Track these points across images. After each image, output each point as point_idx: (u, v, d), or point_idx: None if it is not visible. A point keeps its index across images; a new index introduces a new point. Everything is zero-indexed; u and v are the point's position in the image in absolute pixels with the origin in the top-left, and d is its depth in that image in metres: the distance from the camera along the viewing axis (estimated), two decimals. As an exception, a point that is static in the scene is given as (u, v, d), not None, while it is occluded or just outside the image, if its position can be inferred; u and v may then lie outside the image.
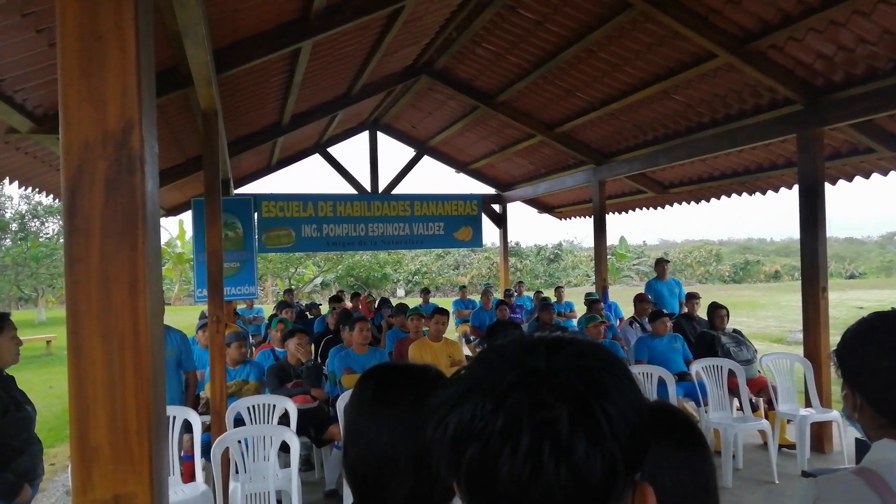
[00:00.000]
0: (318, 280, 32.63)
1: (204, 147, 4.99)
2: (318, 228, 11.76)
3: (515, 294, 12.08)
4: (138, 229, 1.17)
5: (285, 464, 4.50)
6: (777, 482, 5.17)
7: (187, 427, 4.65)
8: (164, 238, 29.83)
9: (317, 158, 12.15)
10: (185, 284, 30.21)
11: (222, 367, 4.90)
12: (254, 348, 8.53)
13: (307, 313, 11.24)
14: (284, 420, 4.84)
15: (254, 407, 4.83)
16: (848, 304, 19.58)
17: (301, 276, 32.29)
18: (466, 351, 10.50)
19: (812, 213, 5.84)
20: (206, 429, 4.98)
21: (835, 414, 5.52)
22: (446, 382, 0.70)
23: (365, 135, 12.20)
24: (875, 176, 6.87)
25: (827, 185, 6.10)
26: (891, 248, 52.05)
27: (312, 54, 5.99)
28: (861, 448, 3.08)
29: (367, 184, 12.09)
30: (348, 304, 11.70)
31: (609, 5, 6.04)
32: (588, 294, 9.07)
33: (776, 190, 8.20)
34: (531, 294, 12.79)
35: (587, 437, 0.60)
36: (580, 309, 9.74)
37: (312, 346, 7.77)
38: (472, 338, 10.63)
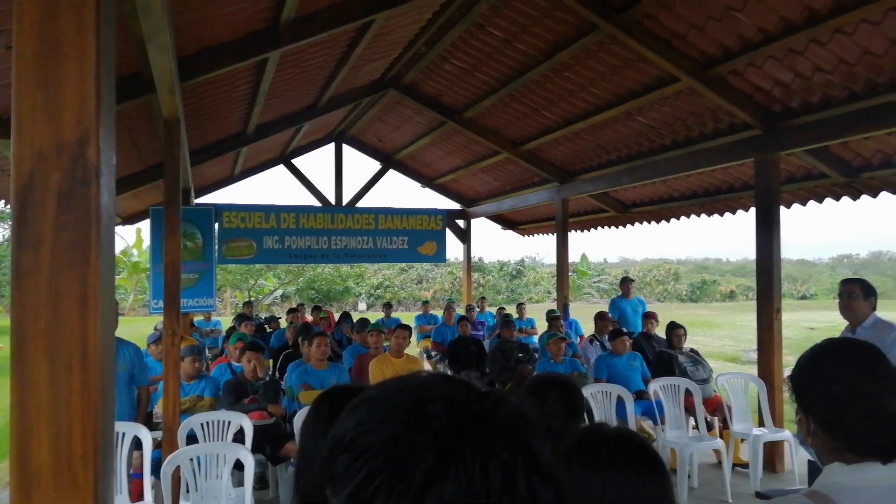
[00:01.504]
0: (279, 292, 32.17)
1: (165, 156, 4.88)
2: (280, 240, 11.60)
3: (477, 309, 12.09)
4: (91, 244, 1.12)
5: (239, 482, 4.39)
6: (731, 501, 5.24)
7: (137, 443, 4.50)
8: (120, 246, 29.09)
9: (281, 169, 12.03)
10: (140, 294, 29.46)
11: (176, 382, 4.77)
12: (210, 362, 8.35)
13: (266, 327, 11.05)
14: (240, 437, 4.72)
15: (208, 423, 4.70)
16: (800, 325, 20.12)
17: (261, 288, 31.79)
18: (427, 366, 10.45)
19: (768, 237, 5.98)
20: (158, 445, 4.83)
21: (787, 434, 5.63)
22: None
23: (330, 147, 12.12)
24: (828, 200, 7.07)
25: (782, 209, 6.26)
26: (840, 270, 53.73)
27: (280, 65, 5.93)
28: (814, 470, 3.14)
29: (331, 196, 12.00)
30: (308, 317, 11.54)
31: (576, 27, 6.13)
32: (550, 311, 9.12)
33: (734, 212, 8.39)
34: (494, 310, 12.81)
35: (540, 479, 0.59)
36: (541, 325, 9.79)
37: (270, 361, 7.64)
38: (433, 353, 10.58)
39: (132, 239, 28.97)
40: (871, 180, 6.39)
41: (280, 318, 12.33)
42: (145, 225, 9.54)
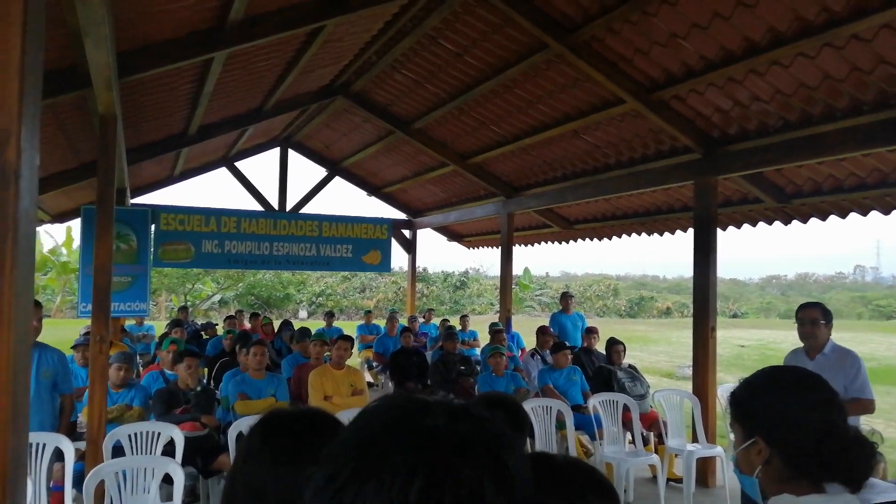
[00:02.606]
0: (217, 297, 31.36)
1: (99, 153, 4.67)
2: (219, 244, 11.29)
3: (422, 320, 12.04)
4: (7, 252, 1.03)
5: (168, 496, 4.20)
6: (665, 516, 5.33)
7: (59, 454, 4.27)
8: (48, 245, 27.82)
9: (223, 172, 11.74)
10: (68, 295, 28.22)
11: (103, 391, 4.54)
12: (141, 368, 8.03)
13: (202, 333, 10.72)
14: (170, 448, 4.53)
15: (136, 435, 4.50)
16: (731, 343, 20.81)
17: (198, 293, 30.92)
18: (368, 377, 10.33)
19: (705, 258, 6.15)
20: (81, 456, 4.59)
21: (719, 450, 5.78)
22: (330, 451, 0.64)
23: (275, 151, 11.90)
24: (761, 224, 7.34)
25: (718, 231, 6.45)
26: (769, 290, 56.02)
27: (225, 65, 5.78)
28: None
29: (274, 201, 11.77)
30: (247, 324, 11.27)
31: (526, 44, 6.20)
32: (492, 324, 9.15)
33: (672, 232, 8.62)
34: (437, 322, 12.79)
35: (505, 497, 0.58)
36: (484, 338, 9.82)
37: (205, 370, 7.39)
38: (374, 364, 10.47)
39: (61, 237, 27.72)
40: (801, 206, 6.66)
41: (217, 324, 12.00)
42: (77, 222, 9.11)
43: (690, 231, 6.50)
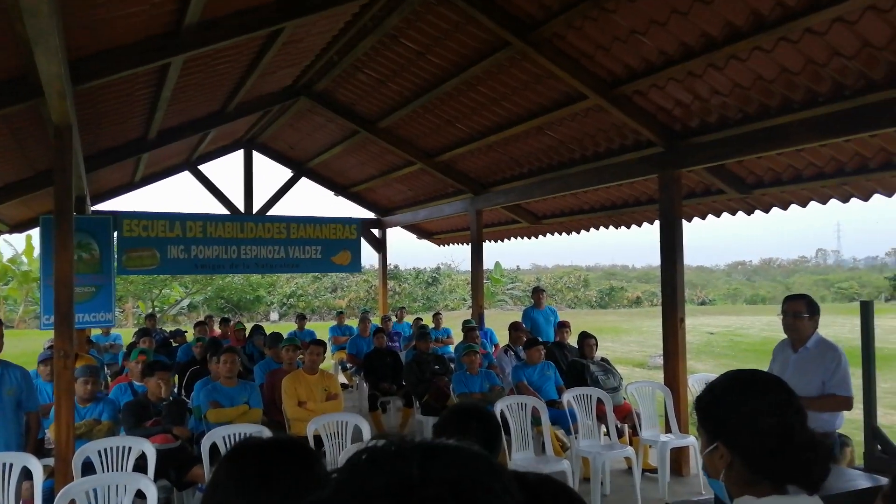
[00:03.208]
0: (186, 302, 30.89)
1: (55, 164, 4.54)
2: (185, 250, 11.09)
3: (395, 319, 12.00)
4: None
5: (141, 511, 4.13)
6: (640, 507, 5.41)
7: (27, 473, 4.16)
8: (8, 254, 27.10)
9: (186, 176, 11.54)
10: (31, 305, 27.53)
11: (69, 408, 4.44)
12: (109, 380, 7.87)
13: (171, 341, 10.55)
14: (142, 462, 4.45)
15: (106, 450, 4.41)
16: (700, 330, 21.17)
17: (166, 298, 30.42)
18: (342, 379, 10.28)
19: (671, 249, 6.23)
20: (51, 473, 4.48)
21: (691, 440, 5.87)
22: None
23: (239, 154, 11.74)
24: (725, 215, 7.47)
25: (683, 222, 6.54)
26: (736, 276, 57.10)
27: (183, 70, 5.68)
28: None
29: (240, 204, 11.62)
30: (217, 329, 11.11)
31: (488, 42, 6.20)
32: (466, 321, 9.17)
33: (639, 224, 8.72)
34: (410, 320, 12.76)
35: None
36: (457, 335, 9.84)
37: (176, 378, 7.27)
38: (348, 365, 10.41)
39: (22, 245, 27.00)
40: (763, 196, 6.80)
41: (186, 331, 11.81)
42: (37, 231, 8.87)
43: (657, 223, 6.58)
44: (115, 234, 10.20)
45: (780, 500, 1.28)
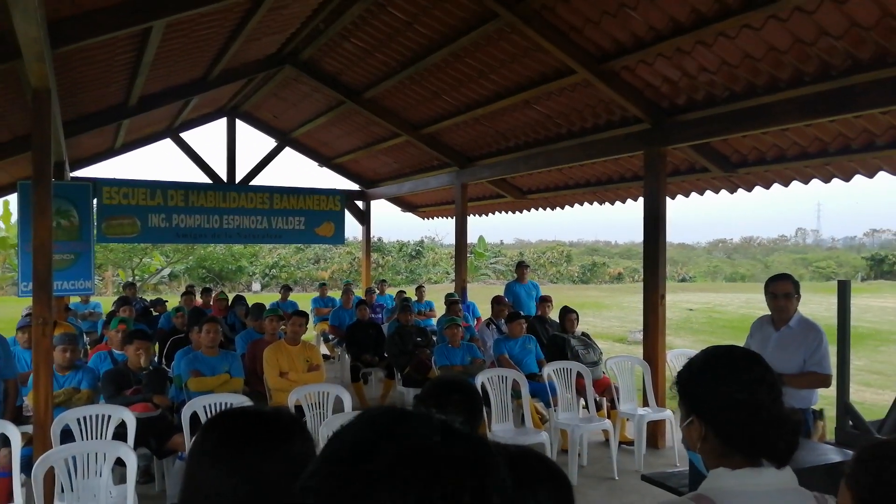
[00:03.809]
0: (166, 271, 30.63)
1: (34, 128, 4.45)
2: (166, 218, 10.99)
3: (377, 292, 12.01)
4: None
5: (122, 478, 4.14)
6: (617, 478, 5.51)
7: (4, 440, 4.15)
8: (-16, 220, 26.60)
9: (168, 144, 11.37)
10: (9, 272, 27.16)
11: (48, 375, 4.41)
12: (88, 348, 7.82)
13: (152, 310, 10.48)
14: (122, 430, 4.44)
15: (85, 418, 4.39)
16: (680, 306, 21.42)
17: (146, 267, 30.14)
18: (324, 350, 10.29)
19: (654, 227, 6.27)
20: (29, 441, 4.47)
21: (668, 413, 5.98)
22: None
23: (222, 122, 11.56)
24: (708, 193, 7.52)
25: (667, 200, 6.58)
26: (716, 254, 57.69)
27: (165, 34, 5.56)
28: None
29: (223, 173, 11.48)
30: (198, 299, 11.05)
31: (477, 13, 6.12)
32: (448, 295, 9.20)
33: (623, 201, 8.75)
34: (393, 292, 12.78)
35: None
36: (440, 308, 9.87)
37: (157, 347, 7.24)
38: (330, 337, 10.43)
39: (-1, 211, 26.47)
40: (746, 175, 6.84)
41: (167, 300, 11.74)
42: (14, 197, 8.70)
43: (641, 200, 6.60)
44: (95, 201, 10.05)
45: (752, 472, 1.31)
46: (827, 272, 40.04)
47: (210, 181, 11.46)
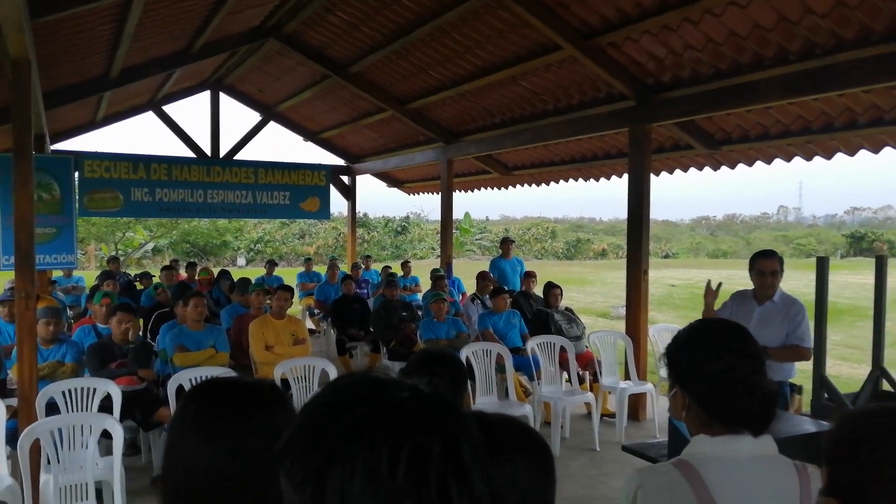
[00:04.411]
0: (150, 246, 30.40)
1: (13, 100, 4.39)
2: (150, 192, 10.89)
3: (363, 267, 12.02)
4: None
5: (108, 450, 4.16)
6: (598, 449, 5.63)
7: (-11, 413, 4.15)
8: (-38, 193, 26.13)
9: (150, 117, 11.21)
10: (-11, 246, 26.80)
11: (32, 348, 4.40)
12: (72, 322, 7.78)
13: (137, 283, 10.42)
14: (107, 403, 4.46)
15: (70, 391, 4.40)
16: (663, 282, 21.64)
17: (130, 241, 29.89)
18: (310, 325, 10.33)
19: (638, 203, 6.32)
20: (14, 413, 4.47)
21: (649, 386, 6.09)
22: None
23: (206, 95, 11.42)
24: (692, 170, 7.58)
25: (651, 176, 6.62)
26: (699, 231, 58.15)
27: (147, 5, 5.47)
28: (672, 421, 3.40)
29: (206, 147, 11.37)
30: (182, 274, 11.01)
31: (464, -13, 6.07)
32: (434, 270, 9.23)
33: (608, 178, 8.79)
34: (379, 268, 12.79)
35: (479, 464, 0.61)
36: (425, 283, 9.91)
37: (141, 321, 7.23)
38: (316, 311, 10.45)
39: (-22, 185, 25.98)
40: (730, 153, 6.90)
41: (155, 275, 11.67)
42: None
43: (625, 176, 6.64)
44: (77, 174, 9.94)
45: (731, 440, 1.36)
46: (807, 249, 40.54)
47: (194, 155, 11.34)
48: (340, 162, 13.07)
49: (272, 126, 12.32)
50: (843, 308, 14.95)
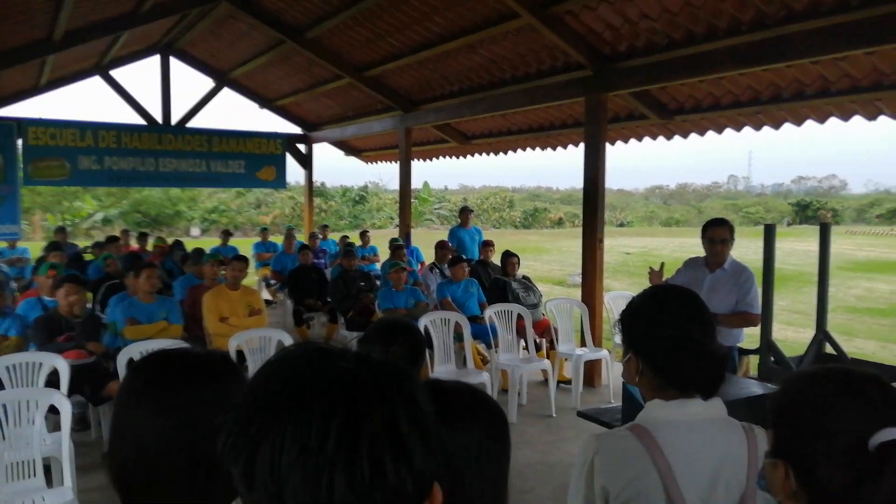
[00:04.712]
0: (99, 216, 29.51)
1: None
2: (98, 160, 10.56)
3: (320, 237, 11.90)
4: None
5: (56, 426, 4.07)
6: (555, 415, 5.74)
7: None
8: None
9: (97, 82, 10.80)
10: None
11: (-25, 322, 4.25)
12: (17, 294, 7.53)
13: (88, 253, 10.11)
14: (55, 377, 4.34)
15: (15, 366, 4.27)
16: (617, 250, 22.04)
17: (78, 211, 28.96)
18: (266, 295, 10.21)
19: (594, 172, 6.37)
20: (-44, 391, 4.33)
21: (604, 353, 6.22)
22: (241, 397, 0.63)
23: (156, 60, 11.04)
24: (646, 140, 7.67)
25: (607, 146, 6.67)
26: (653, 199, 59.17)
27: (88, -37, 5.21)
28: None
29: (158, 115, 11.02)
30: (133, 244, 10.74)
31: (421, -49, 5.95)
32: (393, 239, 9.20)
33: (565, 147, 8.85)
34: (336, 238, 12.68)
35: (420, 436, 0.59)
36: (384, 253, 9.88)
37: (90, 294, 7.04)
38: (272, 282, 10.34)
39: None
40: (683, 123, 6.99)
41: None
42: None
43: (582, 146, 6.68)
44: (20, 142, 9.56)
45: (683, 403, 1.40)
46: (756, 217, 41.67)
47: (144, 122, 10.99)
48: (297, 130, 12.83)
49: (226, 93, 12.02)
50: (788, 274, 15.47)
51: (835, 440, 0.97)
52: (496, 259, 7.80)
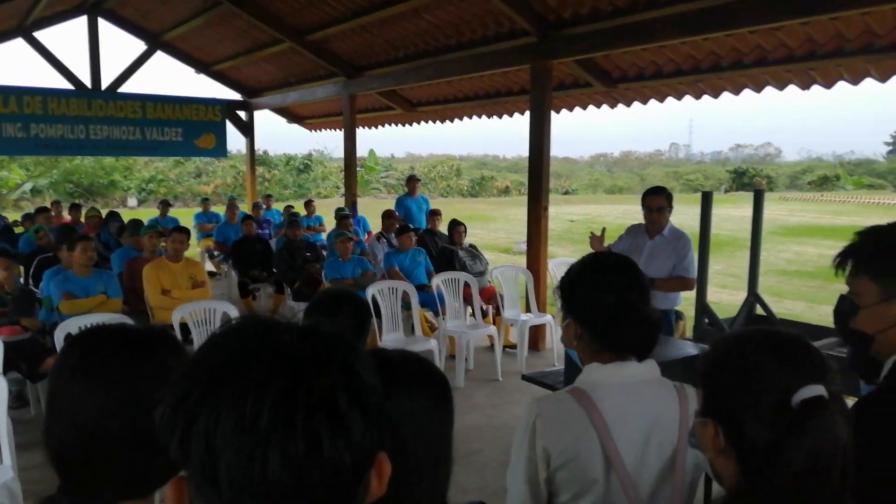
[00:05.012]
0: (28, 186, 28.16)
1: None
2: (23, 128, 10.04)
3: (264, 207, 11.67)
4: None
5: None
6: (501, 379, 5.86)
7: None
8: None
9: (20, 44, 10.20)
10: None
11: None
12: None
13: (19, 226, 9.66)
14: (-12, 356, 4.18)
15: (-56, 344, 4.09)
16: (562, 218, 22.38)
17: (4, 181, 27.57)
18: (209, 267, 10.00)
19: (539, 140, 6.41)
20: None
21: (548, 318, 6.35)
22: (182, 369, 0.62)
23: (83, 21, 10.48)
24: (591, 108, 7.75)
25: (552, 114, 6.72)
26: (597, 167, 60.11)
27: (5, -85, 4.88)
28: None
29: (86, 79, 10.51)
30: (66, 216, 10.31)
31: (363, -89, 5.79)
32: (339, 209, 9.09)
33: (511, 115, 8.87)
34: (280, 207, 12.46)
35: (360, 409, 0.59)
36: (330, 222, 9.77)
37: (22, 269, 6.76)
38: (215, 253, 10.11)
39: None
40: (626, 91, 7.09)
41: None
42: None
43: (527, 113, 6.71)
44: (-65, 107, 9.00)
45: (620, 366, 1.45)
46: (695, 184, 42.88)
47: (72, 87, 10.47)
48: (237, 97, 12.45)
49: (160, 56, 11.52)
50: (724, 240, 16.03)
51: (760, 399, 1.02)
52: (443, 228, 7.82)
